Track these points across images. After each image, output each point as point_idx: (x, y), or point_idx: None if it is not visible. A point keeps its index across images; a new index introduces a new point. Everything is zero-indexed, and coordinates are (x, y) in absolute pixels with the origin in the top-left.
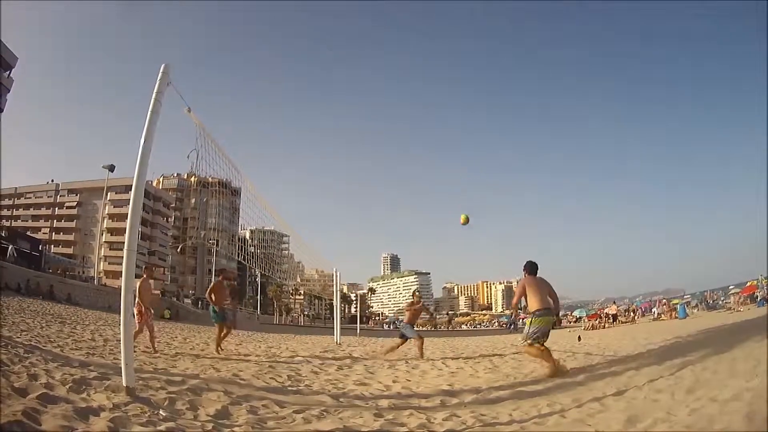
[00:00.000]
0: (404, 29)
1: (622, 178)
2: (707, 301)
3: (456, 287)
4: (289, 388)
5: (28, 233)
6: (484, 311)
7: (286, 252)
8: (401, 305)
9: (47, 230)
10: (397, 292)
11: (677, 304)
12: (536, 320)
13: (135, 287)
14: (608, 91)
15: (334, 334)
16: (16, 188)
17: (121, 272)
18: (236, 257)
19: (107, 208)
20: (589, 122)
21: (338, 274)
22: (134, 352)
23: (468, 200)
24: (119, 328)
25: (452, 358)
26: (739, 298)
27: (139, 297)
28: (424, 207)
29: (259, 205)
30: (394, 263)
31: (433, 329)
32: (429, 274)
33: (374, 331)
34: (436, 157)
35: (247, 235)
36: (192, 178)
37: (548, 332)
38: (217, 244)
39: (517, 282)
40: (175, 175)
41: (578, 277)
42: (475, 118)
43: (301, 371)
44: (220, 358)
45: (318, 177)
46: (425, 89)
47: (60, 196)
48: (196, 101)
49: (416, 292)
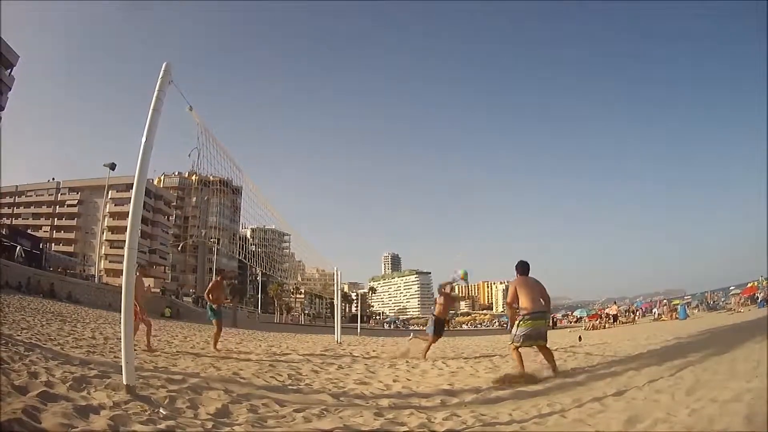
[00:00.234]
0: (404, 29)
1: (623, 179)
2: (708, 302)
3: (457, 287)
4: (290, 387)
5: (29, 231)
6: (484, 311)
7: (287, 251)
8: (402, 305)
9: (48, 228)
10: (398, 292)
11: (678, 304)
12: (526, 322)
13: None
14: (608, 91)
15: (334, 334)
16: (16, 186)
17: (122, 270)
18: (237, 256)
19: (108, 206)
20: (589, 122)
21: (339, 274)
22: (134, 350)
23: (468, 200)
24: (120, 327)
25: (453, 358)
26: (740, 299)
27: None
28: (424, 207)
29: (260, 204)
30: (395, 263)
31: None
32: (430, 273)
33: (375, 331)
34: (436, 157)
35: (248, 234)
36: (193, 177)
37: (543, 334)
38: (218, 243)
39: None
40: (177, 173)
41: (579, 278)
42: (475, 118)
43: (302, 370)
44: (220, 357)
45: (318, 177)
46: (425, 89)
47: (61, 194)
48: (196, 101)
49: (452, 283)
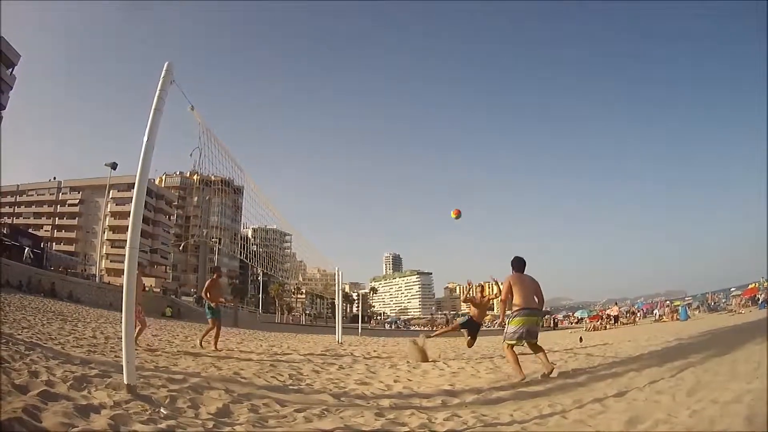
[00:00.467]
0: (404, 29)
1: (623, 179)
2: (709, 303)
3: (458, 287)
4: (291, 387)
5: (31, 231)
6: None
7: (288, 251)
8: (403, 305)
9: (49, 228)
10: (399, 292)
11: (679, 305)
12: (518, 319)
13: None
14: (608, 91)
15: (335, 334)
16: (18, 185)
17: (123, 270)
18: (238, 256)
19: (109, 205)
20: (589, 122)
21: (340, 274)
22: (135, 349)
23: (469, 200)
24: (120, 326)
25: (453, 359)
26: (741, 300)
27: None
28: (425, 207)
29: (262, 204)
30: (396, 263)
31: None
32: (431, 274)
33: (376, 331)
34: (436, 157)
35: (250, 234)
36: (194, 177)
37: (535, 332)
38: (220, 243)
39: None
40: (178, 173)
41: (580, 278)
42: (476, 118)
43: (303, 370)
44: (221, 357)
45: (318, 177)
46: (425, 89)
47: (62, 193)
48: (196, 100)
49: (486, 283)
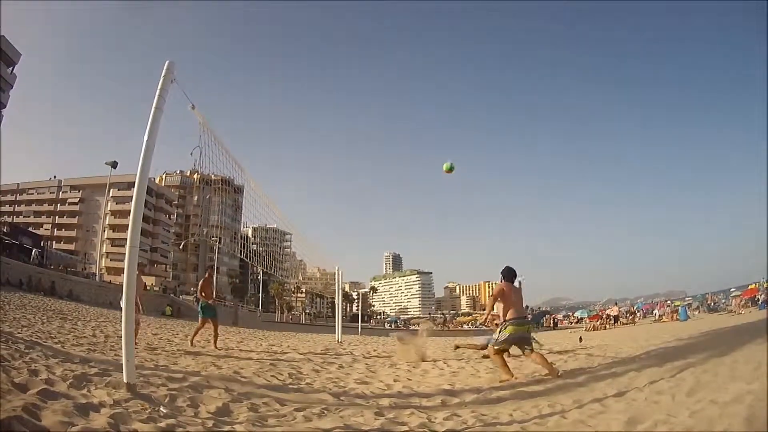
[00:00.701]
0: (405, 30)
1: (624, 180)
2: (708, 304)
3: (458, 287)
4: (290, 386)
5: (30, 229)
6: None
7: (288, 250)
8: (402, 304)
9: (49, 226)
10: (399, 292)
11: (679, 306)
12: (509, 328)
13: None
14: (609, 91)
15: (335, 333)
16: (18, 184)
17: (123, 269)
18: (238, 255)
19: (110, 204)
20: (590, 123)
21: (340, 273)
22: (135, 348)
23: (469, 200)
24: (120, 325)
25: (453, 358)
26: (741, 301)
27: None
28: (426, 207)
29: (262, 203)
30: (396, 262)
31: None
32: (431, 273)
33: (376, 330)
34: (436, 157)
35: (250, 233)
36: (195, 176)
37: (528, 339)
38: (220, 242)
39: (518, 283)
40: (178, 172)
41: (580, 278)
42: (476, 118)
43: (302, 369)
44: (220, 356)
45: (319, 176)
46: (425, 89)
47: (62, 192)
48: (195, 100)
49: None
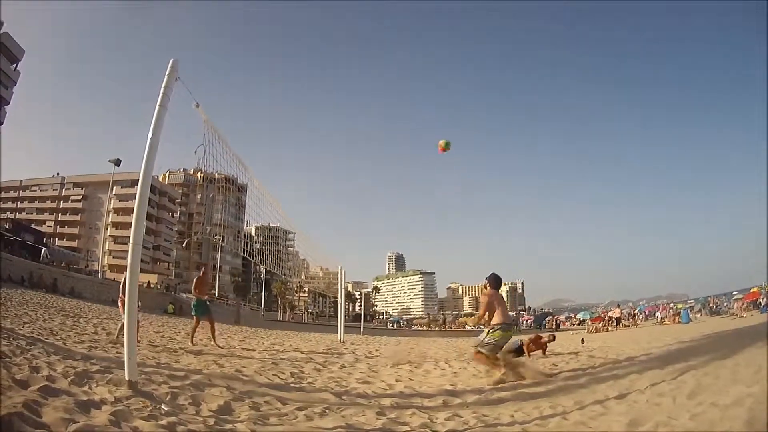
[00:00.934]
0: (405, 30)
1: (624, 180)
2: (710, 307)
3: (460, 287)
4: (292, 385)
5: (33, 226)
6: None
7: (291, 249)
8: (405, 304)
9: (52, 223)
10: (402, 292)
11: (681, 308)
12: (497, 333)
13: (122, 280)
14: (609, 91)
15: (337, 332)
16: (21, 181)
17: (126, 266)
18: (241, 253)
19: (113, 202)
20: (590, 123)
21: (343, 273)
22: (137, 346)
23: (469, 200)
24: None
25: (455, 359)
26: (743, 304)
27: (122, 290)
28: (426, 207)
29: (266, 201)
30: (399, 262)
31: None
32: (434, 273)
33: (378, 330)
34: (437, 157)
35: (253, 232)
36: (198, 174)
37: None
38: (223, 240)
39: (521, 284)
40: (182, 170)
41: (582, 280)
42: (476, 118)
43: (304, 368)
44: (222, 354)
45: (320, 176)
46: (425, 89)
47: (65, 189)
48: (200, 99)
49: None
